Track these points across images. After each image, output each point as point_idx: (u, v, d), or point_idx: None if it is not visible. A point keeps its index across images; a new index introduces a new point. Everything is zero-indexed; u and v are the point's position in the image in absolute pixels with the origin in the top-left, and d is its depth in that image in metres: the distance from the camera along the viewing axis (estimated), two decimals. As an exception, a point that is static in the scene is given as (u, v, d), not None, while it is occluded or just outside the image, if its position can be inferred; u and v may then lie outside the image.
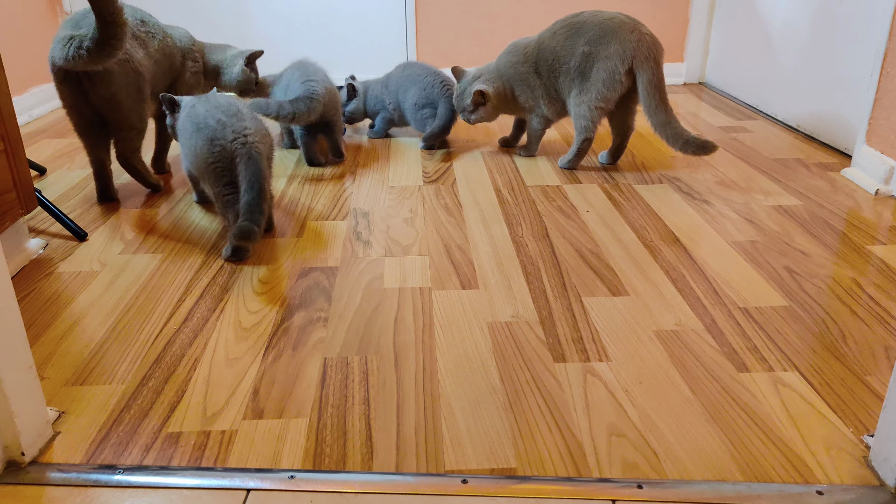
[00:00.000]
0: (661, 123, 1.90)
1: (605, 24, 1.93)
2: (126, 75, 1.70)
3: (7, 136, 1.40)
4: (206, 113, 1.51)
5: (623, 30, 1.90)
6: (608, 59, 1.91)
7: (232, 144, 1.44)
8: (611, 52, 1.90)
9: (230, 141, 1.44)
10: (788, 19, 2.48)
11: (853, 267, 1.46)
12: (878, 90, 1.88)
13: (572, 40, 1.97)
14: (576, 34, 1.97)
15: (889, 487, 0.88)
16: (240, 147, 1.43)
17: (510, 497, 0.88)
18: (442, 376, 1.11)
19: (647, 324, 1.26)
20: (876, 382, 1.09)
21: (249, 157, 1.42)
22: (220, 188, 1.47)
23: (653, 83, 1.89)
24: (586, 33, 1.95)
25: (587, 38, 1.94)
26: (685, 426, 1.00)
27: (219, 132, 1.46)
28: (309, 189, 1.96)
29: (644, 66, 1.89)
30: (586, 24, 1.96)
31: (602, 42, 1.92)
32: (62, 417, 1.03)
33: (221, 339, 1.22)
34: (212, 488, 0.90)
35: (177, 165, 2.14)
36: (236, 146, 1.43)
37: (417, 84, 2.28)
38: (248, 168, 1.42)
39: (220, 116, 1.49)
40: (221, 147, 1.45)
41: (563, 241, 1.60)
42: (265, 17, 3.11)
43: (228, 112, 1.51)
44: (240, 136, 1.45)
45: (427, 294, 1.37)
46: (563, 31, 2.00)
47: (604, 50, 1.91)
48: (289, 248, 1.58)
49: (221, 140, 1.45)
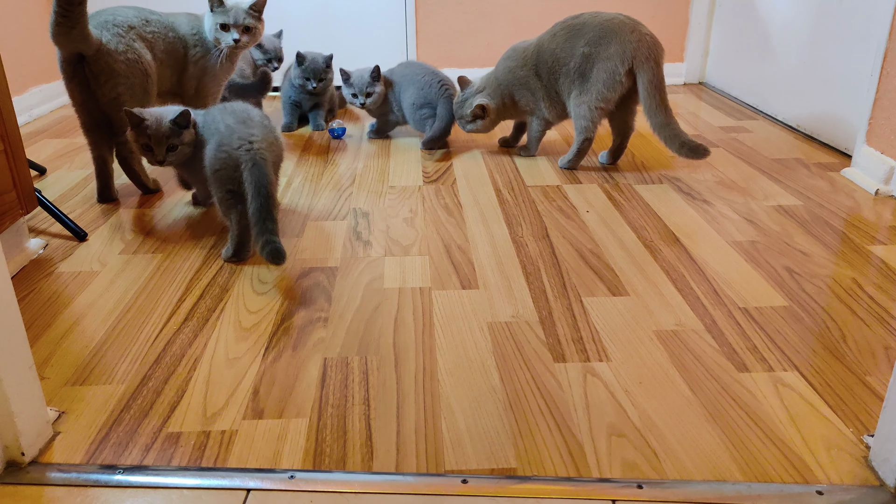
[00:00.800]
0: (661, 124, 1.91)
1: (604, 25, 1.93)
2: (133, 76, 1.71)
3: (7, 136, 1.40)
4: (219, 118, 1.52)
5: (623, 30, 1.90)
6: (608, 59, 1.91)
7: (237, 151, 1.44)
8: (611, 53, 1.90)
9: (235, 148, 1.44)
10: (788, 19, 2.48)
11: (853, 267, 1.46)
12: (878, 90, 1.88)
13: (572, 41, 1.97)
14: (575, 35, 1.97)
15: (889, 487, 0.88)
16: (244, 154, 1.43)
17: (510, 497, 0.88)
18: (442, 376, 1.11)
19: (647, 324, 1.26)
20: (876, 382, 1.09)
21: (254, 164, 1.42)
22: (222, 194, 1.47)
23: (653, 84, 1.89)
24: (586, 34, 1.95)
25: (587, 38, 1.94)
26: (685, 426, 1.00)
27: (225, 137, 1.46)
28: (309, 189, 1.96)
29: (644, 67, 1.89)
30: (586, 26, 1.96)
31: (602, 43, 1.92)
32: (62, 417, 1.03)
33: (221, 339, 1.22)
34: (212, 488, 0.90)
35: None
36: (241, 153, 1.43)
37: (415, 84, 2.28)
38: (253, 174, 1.41)
39: (229, 122, 1.50)
40: (227, 153, 1.44)
41: (563, 241, 1.60)
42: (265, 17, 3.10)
43: (238, 118, 1.51)
44: (245, 143, 1.44)
45: (427, 294, 1.37)
46: (562, 32, 2.00)
47: (604, 50, 1.91)
48: (289, 248, 1.58)
49: (227, 146, 1.45)
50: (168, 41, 1.82)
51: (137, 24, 1.74)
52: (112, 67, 1.66)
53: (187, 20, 1.89)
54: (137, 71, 1.71)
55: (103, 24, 1.68)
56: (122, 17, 1.72)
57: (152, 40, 1.78)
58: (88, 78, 1.67)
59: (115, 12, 1.73)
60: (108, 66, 1.67)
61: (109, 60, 1.67)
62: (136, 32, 1.73)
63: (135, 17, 1.74)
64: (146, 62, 1.73)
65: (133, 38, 1.71)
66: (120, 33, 1.69)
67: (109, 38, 1.67)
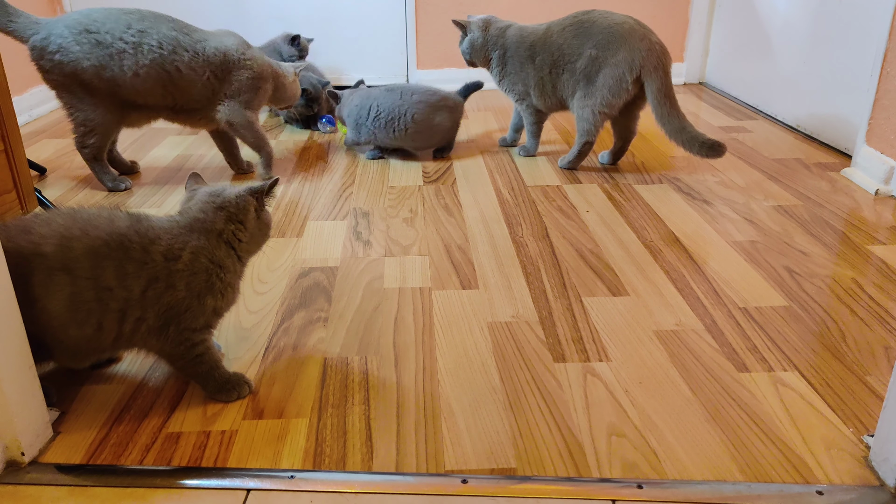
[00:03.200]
0: (676, 130, 1.89)
1: (614, 29, 1.90)
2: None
3: (7, 136, 1.40)
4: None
5: (633, 37, 1.88)
6: (616, 66, 1.88)
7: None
8: (619, 60, 1.88)
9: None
10: (788, 19, 2.48)
11: (853, 267, 1.46)
12: (878, 90, 1.88)
13: (580, 40, 1.94)
14: (584, 34, 1.94)
15: (889, 487, 0.88)
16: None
17: (510, 497, 0.88)
18: (442, 376, 1.11)
19: (647, 324, 1.26)
20: (876, 382, 1.09)
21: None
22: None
23: (662, 92, 1.87)
24: (595, 35, 1.92)
25: (596, 41, 1.91)
26: (685, 426, 1.00)
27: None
28: (309, 189, 1.96)
29: (653, 76, 1.87)
30: (595, 26, 1.93)
31: (611, 48, 1.89)
32: (62, 417, 1.03)
33: (221, 339, 1.22)
34: (212, 488, 0.90)
35: (174, 164, 2.14)
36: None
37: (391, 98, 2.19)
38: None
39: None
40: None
41: (563, 241, 1.60)
42: (265, 18, 3.11)
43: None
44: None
45: (427, 294, 1.37)
46: (571, 28, 1.97)
47: (612, 56, 1.89)
48: (289, 248, 1.58)
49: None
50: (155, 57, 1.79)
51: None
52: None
53: (236, 45, 1.86)
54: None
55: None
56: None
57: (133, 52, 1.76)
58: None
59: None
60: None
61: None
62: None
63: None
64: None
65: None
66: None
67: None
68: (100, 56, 1.73)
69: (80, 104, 1.79)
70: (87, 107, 1.80)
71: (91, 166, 1.90)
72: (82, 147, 1.85)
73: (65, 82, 1.77)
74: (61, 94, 1.80)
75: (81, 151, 1.87)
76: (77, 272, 0.95)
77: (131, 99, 1.81)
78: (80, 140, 1.84)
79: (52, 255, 0.95)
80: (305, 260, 1.52)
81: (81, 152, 1.87)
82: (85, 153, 1.87)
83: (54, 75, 1.76)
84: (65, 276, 0.95)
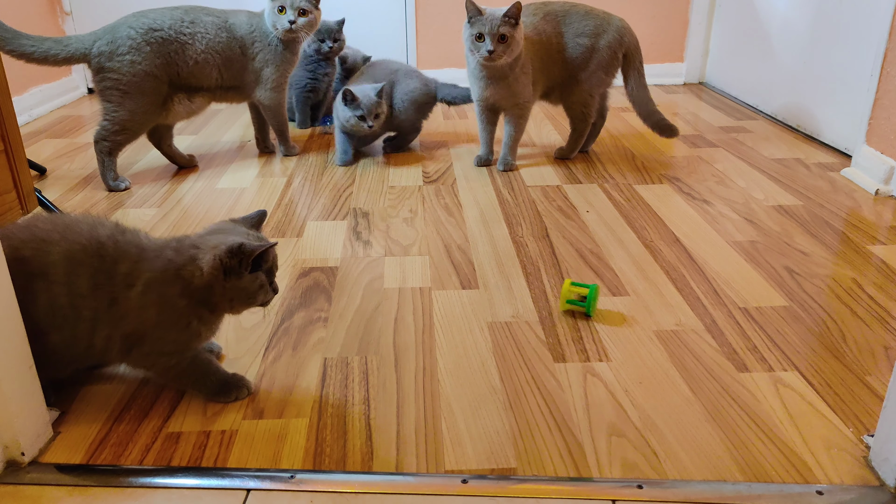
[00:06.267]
0: (643, 100, 2.09)
1: (591, 14, 2.04)
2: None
3: (7, 136, 1.41)
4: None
5: (610, 20, 2.04)
6: (608, 47, 2.03)
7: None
8: (610, 41, 2.03)
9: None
10: (788, 19, 2.48)
11: (853, 267, 1.46)
12: (878, 90, 1.88)
13: (565, 28, 2.04)
14: (562, 23, 2.04)
15: (889, 487, 0.88)
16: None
17: (510, 497, 0.88)
18: (442, 376, 1.12)
19: (647, 324, 1.26)
20: (876, 382, 1.09)
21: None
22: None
23: (641, 63, 2.10)
24: (575, 23, 2.03)
25: (581, 29, 2.02)
26: (685, 426, 1.00)
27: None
28: (309, 189, 1.96)
29: (634, 51, 2.06)
30: (570, 15, 2.04)
31: (599, 33, 2.03)
32: (62, 417, 1.03)
33: (221, 340, 1.22)
34: (212, 488, 0.90)
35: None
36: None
37: (412, 77, 2.22)
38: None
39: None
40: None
41: (563, 241, 1.60)
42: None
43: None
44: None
45: (427, 294, 1.37)
46: (549, 18, 2.04)
47: (602, 40, 2.03)
48: (289, 248, 1.58)
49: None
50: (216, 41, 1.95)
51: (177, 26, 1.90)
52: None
53: (247, 19, 2.02)
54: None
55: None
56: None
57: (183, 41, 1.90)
58: None
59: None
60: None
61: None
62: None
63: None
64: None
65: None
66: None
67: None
68: (168, 51, 1.87)
69: (128, 103, 1.86)
70: (132, 106, 1.87)
71: (102, 160, 1.91)
72: (104, 139, 1.88)
73: (124, 82, 1.84)
74: (111, 95, 1.86)
75: (100, 143, 1.89)
76: (52, 277, 0.94)
77: (190, 83, 1.94)
78: (105, 133, 1.88)
79: (30, 260, 0.94)
80: (305, 260, 1.52)
81: (99, 144, 1.89)
82: (104, 146, 1.89)
83: (120, 75, 1.83)
84: (42, 282, 0.95)
